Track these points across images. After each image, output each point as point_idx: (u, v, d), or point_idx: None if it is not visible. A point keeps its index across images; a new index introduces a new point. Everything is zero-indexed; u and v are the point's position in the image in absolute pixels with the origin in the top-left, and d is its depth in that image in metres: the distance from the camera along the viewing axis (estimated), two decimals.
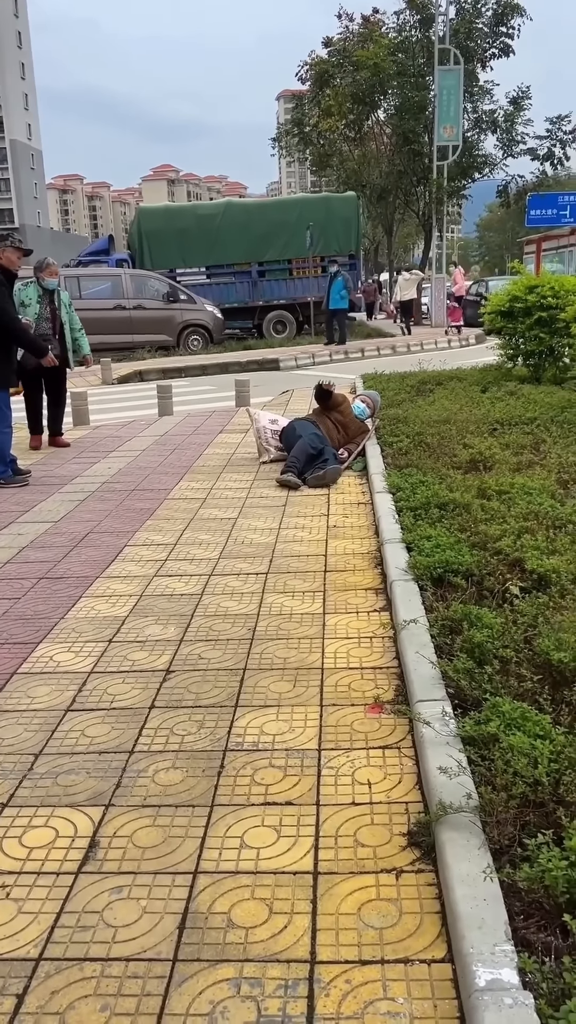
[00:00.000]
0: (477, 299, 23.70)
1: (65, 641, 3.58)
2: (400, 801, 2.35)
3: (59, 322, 7.95)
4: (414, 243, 53.84)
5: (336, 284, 18.38)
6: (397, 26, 29.41)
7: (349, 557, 4.51)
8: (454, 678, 2.78)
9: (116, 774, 2.56)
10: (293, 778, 2.49)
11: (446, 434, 6.60)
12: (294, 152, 35.61)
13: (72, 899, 2.04)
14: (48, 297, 7.88)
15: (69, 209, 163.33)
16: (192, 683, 3.14)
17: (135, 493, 6.22)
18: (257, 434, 7.15)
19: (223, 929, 1.92)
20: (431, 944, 1.84)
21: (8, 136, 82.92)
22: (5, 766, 2.63)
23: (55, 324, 7.93)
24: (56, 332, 7.92)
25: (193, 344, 18.72)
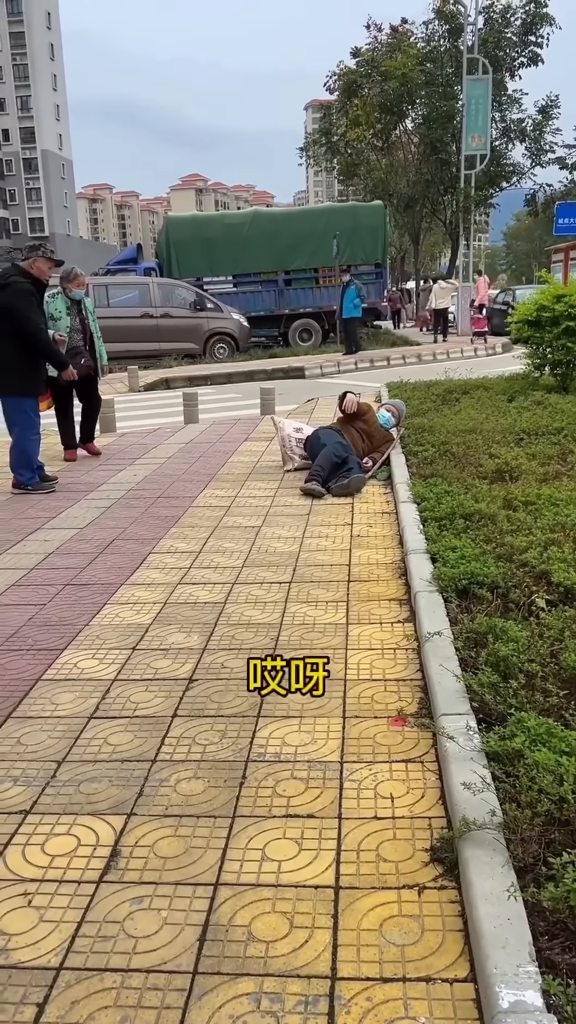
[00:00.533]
0: (504, 308, 23.61)
1: (89, 648, 3.60)
2: (423, 816, 2.33)
3: (89, 332, 7.89)
4: (441, 252, 53.74)
5: (349, 293, 18.36)
6: (425, 36, 29.49)
7: (373, 567, 4.49)
8: (478, 692, 2.75)
9: (138, 783, 2.56)
10: (315, 790, 2.48)
11: (472, 444, 6.56)
12: (322, 161, 35.80)
13: (93, 908, 2.04)
14: (76, 308, 7.80)
15: (98, 218, 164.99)
16: (215, 692, 3.13)
17: (160, 500, 6.25)
18: (282, 442, 7.15)
19: (243, 942, 1.91)
20: (453, 963, 1.82)
21: (39, 147, 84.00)
22: (28, 773, 2.65)
23: (85, 335, 7.86)
24: (87, 343, 7.86)
25: (219, 352, 18.81)
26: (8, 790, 2.55)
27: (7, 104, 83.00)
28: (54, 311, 7.58)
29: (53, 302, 7.58)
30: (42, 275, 6.62)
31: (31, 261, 6.55)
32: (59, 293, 7.70)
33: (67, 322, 7.65)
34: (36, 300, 6.58)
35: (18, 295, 6.35)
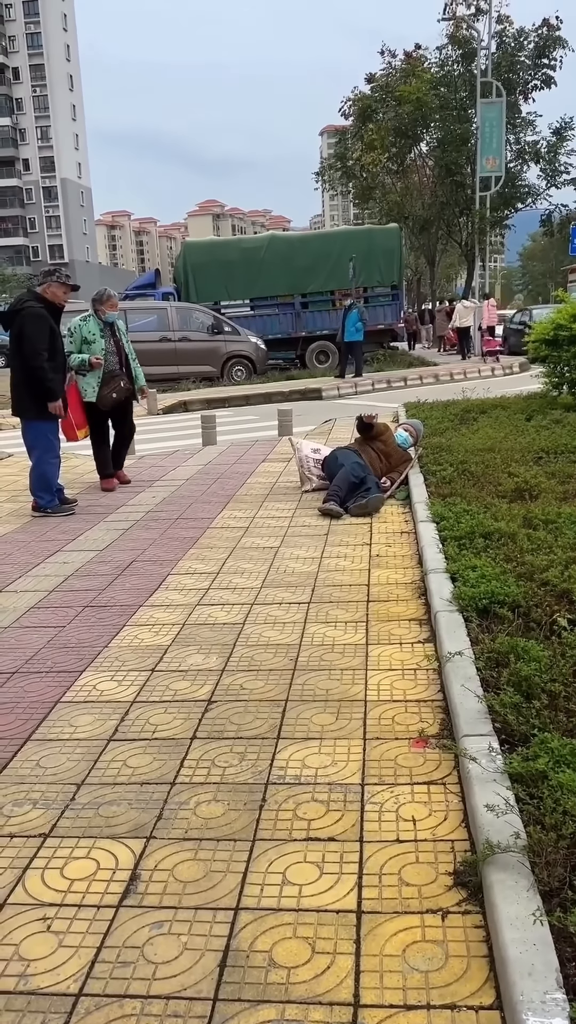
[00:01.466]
0: (521, 328, 23.62)
1: (108, 670, 3.59)
2: (446, 839, 2.29)
3: (124, 354, 7.61)
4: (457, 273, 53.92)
5: (351, 316, 18.35)
6: (439, 61, 29.78)
7: (392, 587, 4.47)
8: (501, 712, 2.71)
9: (158, 806, 2.54)
10: (336, 813, 2.45)
11: (490, 463, 6.54)
12: (337, 185, 36.09)
13: (112, 933, 2.02)
14: (110, 330, 7.53)
15: (117, 244, 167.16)
16: (234, 714, 3.11)
17: (179, 522, 6.26)
18: (299, 463, 7.16)
19: (265, 968, 1.88)
20: (479, 989, 1.78)
21: (59, 175, 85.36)
22: (48, 796, 2.64)
23: (121, 357, 7.58)
24: (122, 365, 7.57)
25: (237, 375, 18.91)
26: (27, 813, 2.54)
27: (27, 134, 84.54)
28: (87, 334, 7.35)
29: (86, 325, 7.38)
30: (56, 300, 6.60)
31: (46, 286, 6.58)
32: (91, 316, 7.47)
33: (102, 344, 7.40)
34: (48, 325, 6.48)
35: (29, 319, 6.38)
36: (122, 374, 7.51)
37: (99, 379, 7.32)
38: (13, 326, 6.45)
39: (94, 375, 7.31)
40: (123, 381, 7.50)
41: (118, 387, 7.45)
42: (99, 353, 7.33)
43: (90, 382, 7.34)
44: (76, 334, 7.34)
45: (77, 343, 7.33)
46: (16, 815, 2.54)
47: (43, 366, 6.40)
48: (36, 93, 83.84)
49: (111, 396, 7.42)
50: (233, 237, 38.31)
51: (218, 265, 20.99)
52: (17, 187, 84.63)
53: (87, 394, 7.34)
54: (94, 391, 7.33)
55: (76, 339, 7.33)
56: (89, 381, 7.34)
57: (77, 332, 7.35)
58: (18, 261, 77.66)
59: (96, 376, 7.32)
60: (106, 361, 7.38)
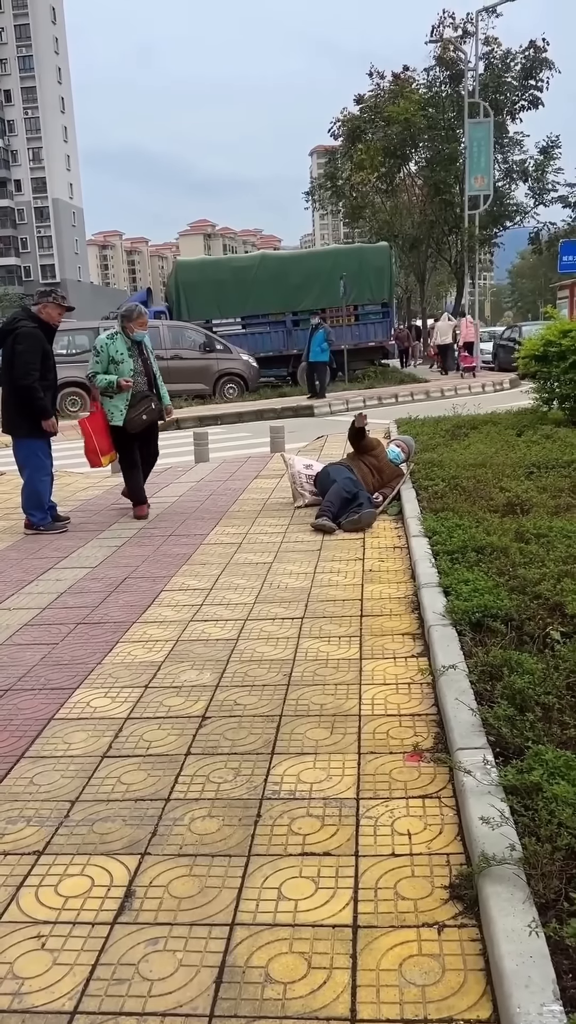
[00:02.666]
0: (511, 344, 23.83)
1: (102, 686, 3.58)
2: (441, 852, 2.29)
3: (152, 374, 7.13)
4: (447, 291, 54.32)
5: (317, 337, 18.14)
6: (427, 82, 30.15)
7: (385, 601, 4.48)
8: (495, 725, 2.72)
9: (152, 822, 2.53)
10: (331, 828, 2.44)
11: (482, 478, 6.57)
12: (327, 205, 36.42)
13: (107, 950, 2.01)
14: (137, 348, 7.03)
15: (109, 264, 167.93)
16: (228, 730, 3.11)
17: (171, 538, 6.26)
18: (292, 479, 7.18)
19: (261, 984, 1.87)
20: (476, 1003, 1.77)
21: (51, 196, 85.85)
22: (42, 813, 2.62)
23: (149, 377, 7.09)
24: (151, 385, 7.09)
25: (229, 392, 18.97)
26: (21, 830, 2.53)
27: (19, 156, 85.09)
28: (115, 353, 6.83)
29: (113, 343, 6.85)
30: (51, 320, 6.63)
31: (41, 306, 6.61)
32: (119, 334, 6.94)
33: (131, 365, 6.89)
34: (41, 344, 6.49)
35: (22, 337, 6.40)
36: (152, 395, 7.06)
37: (127, 401, 6.85)
38: (6, 344, 6.47)
39: (122, 397, 6.84)
40: (153, 402, 7.05)
41: (148, 409, 7.00)
42: (128, 374, 6.85)
43: (117, 405, 6.86)
44: (103, 353, 6.83)
45: (104, 363, 6.84)
46: (10, 832, 2.52)
47: (34, 385, 6.40)
48: (28, 115, 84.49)
49: (141, 419, 6.96)
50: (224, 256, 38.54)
51: (210, 284, 21.13)
52: (9, 208, 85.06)
53: (114, 417, 6.88)
54: (122, 414, 6.86)
55: (103, 359, 6.83)
56: (116, 404, 6.86)
57: (104, 351, 6.83)
58: (10, 281, 77.91)
59: (124, 398, 6.85)
60: (135, 382, 6.91)
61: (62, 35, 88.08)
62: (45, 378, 6.54)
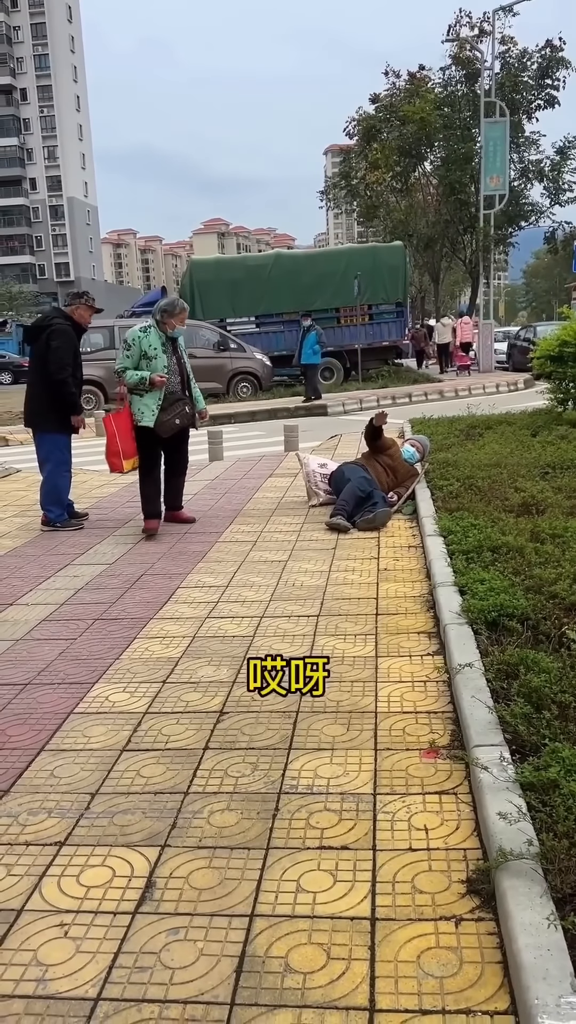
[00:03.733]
0: (526, 344, 23.79)
1: (120, 681, 3.62)
2: (458, 847, 2.31)
3: (186, 374, 6.55)
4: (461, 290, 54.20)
5: (309, 338, 17.67)
6: (443, 81, 30.08)
7: (400, 600, 4.50)
8: (511, 723, 2.74)
9: (171, 815, 2.57)
10: (349, 822, 2.47)
11: (497, 478, 6.58)
12: (342, 204, 36.37)
13: (129, 939, 2.04)
14: (172, 346, 6.47)
15: (123, 262, 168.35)
16: (246, 725, 3.14)
17: (187, 536, 6.30)
18: (306, 478, 7.21)
19: (280, 974, 1.90)
20: (493, 995, 1.80)
21: (65, 194, 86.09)
22: (63, 805, 2.66)
23: (183, 377, 6.52)
24: (185, 387, 6.52)
25: (243, 391, 19.01)
26: (43, 822, 2.57)
27: (35, 154, 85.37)
28: (148, 347, 6.26)
29: (146, 337, 6.28)
30: (83, 321, 6.78)
31: (74, 307, 6.77)
32: (152, 327, 6.36)
33: (164, 361, 6.32)
34: (72, 342, 6.65)
35: (57, 334, 6.56)
36: (185, 398, 6.49)
37: (159, 401, 6.26)
38: (39, 341, 6.62)
39: (153, 396, 6.25)
40: (187, 406, 6.48)
41: (182, 412, 6.42)
42: (161, 370, 6.28)
43: (148, 404, 6.26)
44: (135, 347, 6.25)
45: (135, 358, 6.26)
46: (32, 824, 2.56)
47: (67, 380, 6.54)
48: (43, 113, 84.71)
49: (173, 423, 6.37)
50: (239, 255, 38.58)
51: (224, 283, 21.17)
52: (24, 206, 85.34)
53: (143, 417, 6.26)
54: (153, 415, 6.25)
55: (134, 353, 6.26)
56: (147, 403, 6.26)
57: (136, 345, 6.24)
58: (24, 279, 78.14)
59: (156, 397, 6.26)
60: (168, 381, 6.32)
61: (78, 34, 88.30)
62: (74, 376, 6.67)
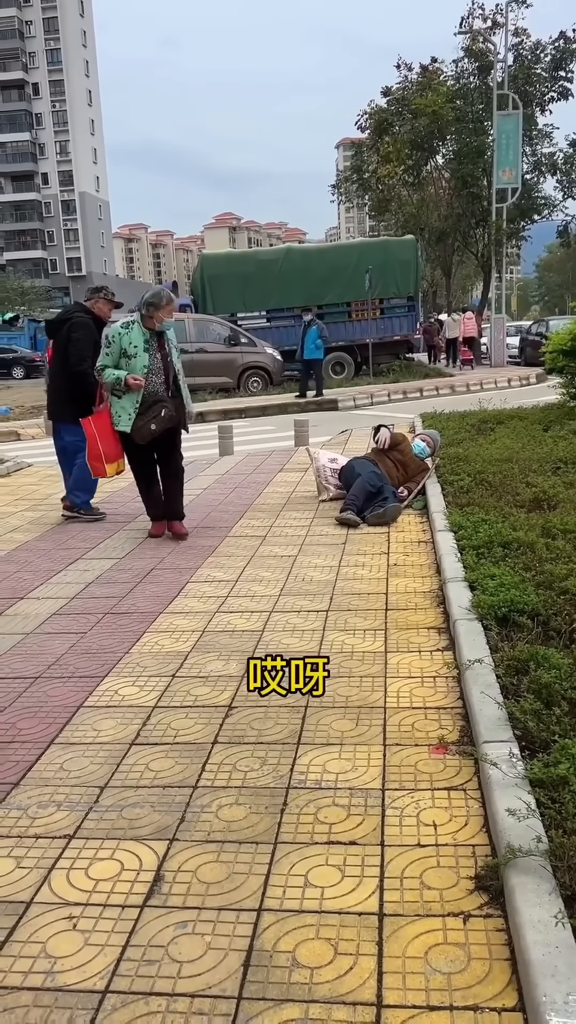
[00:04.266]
0: (538, 339, 23.67)
1: (130, 675, 3.63)
2: (467, 844, 2.31)
3: (172, 374, 6.05)
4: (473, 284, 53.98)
5: (311, 334, 17.42)
6: (455, 74, 29.88)
7: (410, 595, 4.48)
8: (521, 719, 2.73)
9: (180, 808, 2.57)
10: (357, 817, 2.47)
11: (508, 472, 6.55)
12: (353, 198, 36.22)
13: (137, 932, 2.05)
14: (158, 342, 5.99)
15: (134, 257, 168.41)
16: (254, 719, 3.14)
17: (197, 530, 6.30)
18: (317, 473, 7.20)
19: (288, 968, 1.90)
20: (501, 992, 1.79)
21: (77, 189, 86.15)
22: (72, 798, 2.67)
23: (168, 378, 6.02)
24: (169, 387, 6.03)
25: (253, 386, 19.00)
26: (52, 815, 2.58)
27: (47, 149, 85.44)
28: (127, 345, 5.86)
29: (128, 334, 5.89)
30: (102, 314, 6.86)
31: (94, 301, 6.84)
32: (136, 323, 5.93)
33: (145, 360, 5.86)
34: (93, 335, 6.71)
35: (76, 327, 6.67)
36: (167, 399, 5.97)
37: (136, 404, 5.87)
38: (60, 334, 6.74)
39: (131, 398, 5.87)
40: (166, 408, 5.93)
41: (158, 416, 5.88)
42: (140, 371, 5.84)
43: (125, 407, 5.90)
44: (115, 344, 5.91)
45: (115, 356, 5.93)
46: (41, 816, 2.57)
47: (87, 371, 6.55)
48: (55, 108, 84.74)
49: (149, 428, 5.88)
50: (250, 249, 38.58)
51: (235, 277, 21.15)
52: (36, 201, 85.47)
53: (120, 421, 5.94)
54: (129, 419, 5.88)
55: (114, 351, 5.93)
56: (124, 405, 5.91)
57: (116, 342, 5.91)
58: (36, 274, 78.33)
59: (133, 400, 5.87)
60: (148, 382, 5.89)
61: (90, 28, 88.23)
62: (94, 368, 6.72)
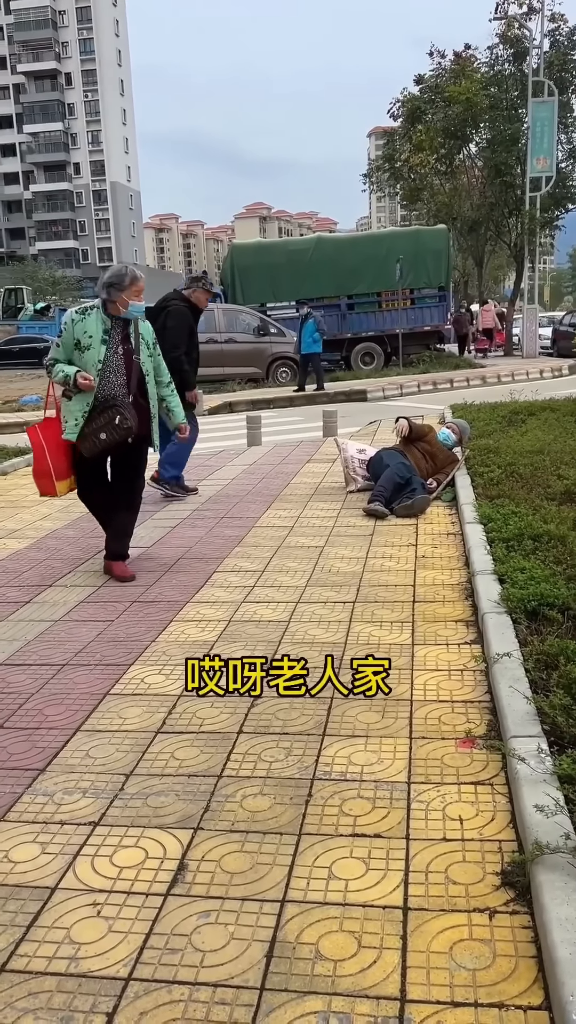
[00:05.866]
0: (571, 330, 23.39)
1: (156, 664, 3.64)
2: (493, 839, 2.28)
3: (136, 373, 4.83)
4: (505, 275, 53.37)
5: (308, 327, 16.97)
6: (489, 61, 29.45)
7: (438, 588, 4.45)
8: (550, 714, 2.69)
9: (204, 798, 2.57)
10: (382, 810, 2.45)
11: (539, 465, 6.46)
12: (385, 187, 35.92)
13: (161, 921, 2.05)
14: (120, 332, 4.80)
15: (164, 247, 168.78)
16: (280, 710, 3.13)
17: (224, 520, 6.31)
18: (344, 463, 7.16)
19: (311, 960, 1.89)
20: (527, 989, 1.77)
21: (109, 179, 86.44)
22: (97, 785, 2.68)
23: (131, 378, 4.80)
24: (131, 390, 4.80)
25: (282, 376, 18.96)
26: (78, 801, 2.59)
27: (79, 139, 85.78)
28: (82, 335, 4.71)
29: (82, 321, 4.73)
30: (199, 303, 7.11)
31: (192, 291, 7.08)
32: (95, 308, 4.78)
33: (99, 354, 4.70)
34: (188, 323, 6.95)
35: (172, 314, 6.92)
36: (125, 404, 4.73)
37: (86, 408, 4.71)
38: (157, 322, 6.88)
39: (80, 401, 4.72)
40: (121, 415, 4.67)
41: (110, 424, 4.67)
42: (93, 367, 4.68)
43: (73, 411, 4.75)
44: (67, 333, 4.75)
45: (67, 348, 4.76)
46: (66, 803, 2.58)
47: (181, 357, 6.73)
48: (87, 98, 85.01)
49: (98, 438, 4.70)
50: (280, 239, 38.45)
51: (265, 267, 21.10)
52: (68, 191, 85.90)
53: (66, 429, 4.78)
54: (76, 425, 4.73)
55: (66, 342, 4.76)
56: (72, 410, 4.76)
57: (69, 330, 4.74)
58: (68, 264, 78.74)
59: (83, 403, 4.71)
60: (103, 380, 4.71)
61: (123, 17, 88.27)
62: (190, 355, 6.95)
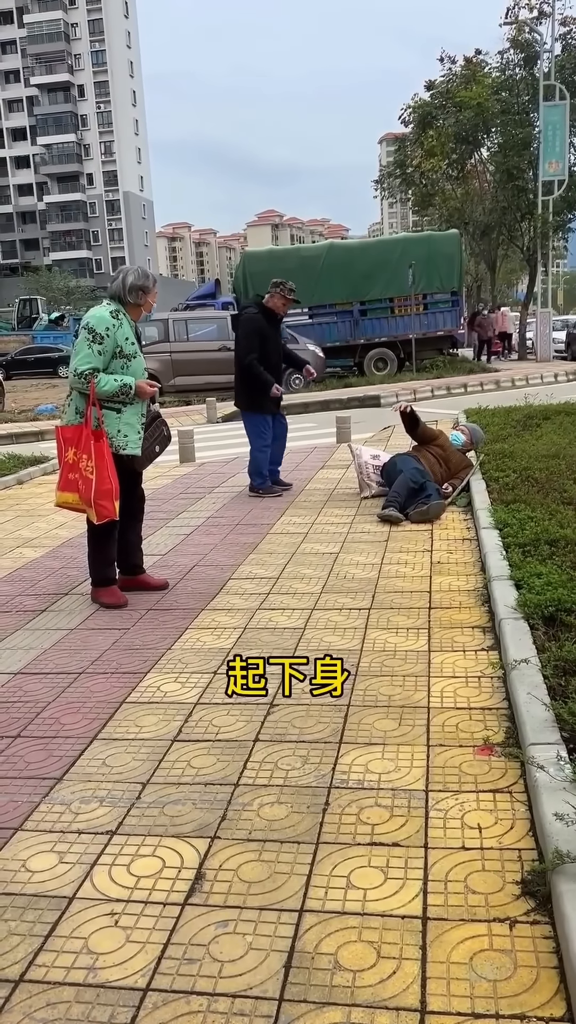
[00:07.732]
0: None
1: (172, 672, 3.64)
2: (512, 848, 2.26)
3: None
4: (518, 279, 53.22)
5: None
6: (500, 65, 29.43)
7: (454, 594, 4.42)
8: (569, 721, 2.66)
9: (221, 806, 2.56)
10: (400, 819, 2.43)
11: (555, 469, 6.43)
12: (396, 193, 35.95)
13: (178, 930, 2.04)
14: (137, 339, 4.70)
15: (177, 256, 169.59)
16: (296, 718, 3.12)
17: (238, 527, 6.31)
18: (358, 469, 7.15)
19: (330, 971, 1.87)
20: (548, 1001, 1.74)
21: (121, 189, 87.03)
22: (114, 794, 2.68)
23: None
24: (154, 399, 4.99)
25: (295, 383, 18.96)
26: (95, 810, 2.59)
27: (92, 150, 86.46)
28: (124, 341, 4.47)
29: (120, 326, 4.47)
30: (276, 308, 7.37)
31: (269, 296, 7.34)
32: (121, 312, 4.52)
33: (143, 362, 4.63)
34: (257, 327, 7.22)
35: (243, 322, 7.37)
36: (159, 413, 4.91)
37: (142, 419, 4.63)
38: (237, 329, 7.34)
39: (135, 412, 4.56)
40: (167, 426, 4.89)
41: (161, 436, 4.83)
42: (141, 375, 4.56)
43: (131, 423, 4.54)
44: (109, 340, 4.41)
45: (107, 356, 4.43)
46: (84, 812, 2.58)
47: (253, 361, 7.15)
48: (100, 109, 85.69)
49: (154, 451, 4.80)
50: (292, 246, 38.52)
51: (277, 274, 20.92)
52: (81, 201, 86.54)
53: (128, 444, 4.51)
54: (139, 438, 4.58)
55: (107, 349, 4.41)
56: (130, 421, 4.54)
57: (112, 337, 4.41)
58: (82, 273, 79.26)
59: (138, 414, 4.58)
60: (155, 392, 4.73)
61: (134, 29, 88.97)
62: (268, 360, 7.25)
